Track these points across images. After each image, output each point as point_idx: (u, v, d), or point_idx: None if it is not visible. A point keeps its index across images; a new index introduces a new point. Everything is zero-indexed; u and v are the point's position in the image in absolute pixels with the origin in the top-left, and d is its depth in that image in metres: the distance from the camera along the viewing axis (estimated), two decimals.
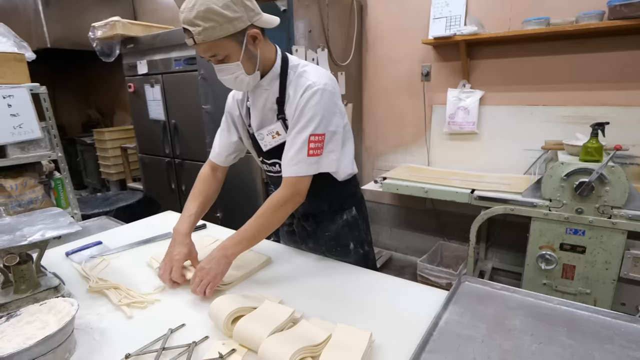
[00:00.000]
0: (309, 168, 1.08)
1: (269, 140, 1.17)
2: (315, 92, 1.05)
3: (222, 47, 0.99)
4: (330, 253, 1.30)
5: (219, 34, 0.96)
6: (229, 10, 0.95)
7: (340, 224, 1.28)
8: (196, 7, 0.93)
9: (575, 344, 0.82)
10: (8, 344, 0.75)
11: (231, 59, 1.02)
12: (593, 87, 2.18)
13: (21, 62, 2.12)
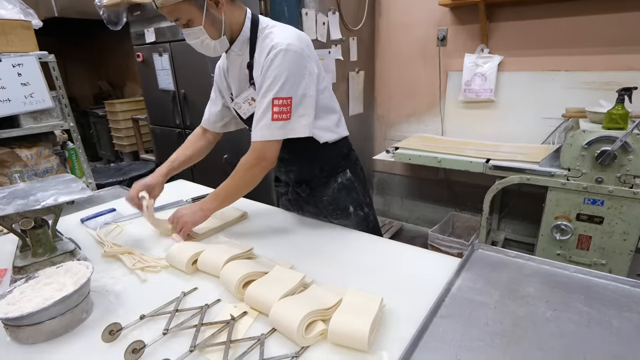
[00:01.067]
0: (274, 133, 1.05)
1: (246, 107, 1.16)
2: (278, 53, 1.00)
3: (183, 11, 0.99)
4: (331, 217, 1.30)
5: None
6: None
7: (335, 188, 1.26)
8: None
9: (592, 311, 0.81)
10: (28, 304, 0.77)
11: (194, 23, 1.01)
12: (620, 50, 2.05)
13: (28, 29, 2.10)
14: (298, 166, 1.23)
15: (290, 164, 1.25)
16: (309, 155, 1.22)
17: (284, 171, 1.31)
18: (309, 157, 1.22)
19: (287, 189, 1.36)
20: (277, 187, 1.44)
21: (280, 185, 1.42)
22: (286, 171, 1.30)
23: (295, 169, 1.24)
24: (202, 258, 0.98)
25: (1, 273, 1.02)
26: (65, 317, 0.78)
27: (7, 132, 1.97)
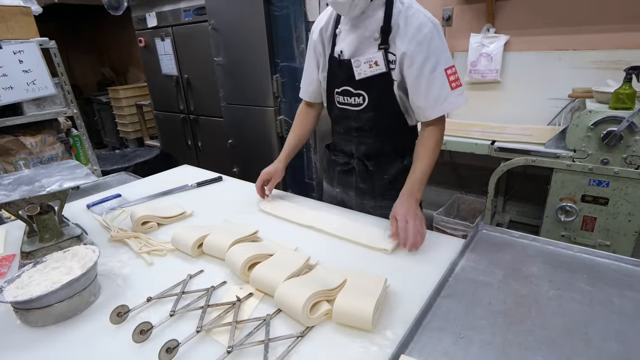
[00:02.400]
0: (458, 100, 1.10)
1: (365, 68, 1.11)
2: (434, 28, 1.04)
3: None
4: (382, 197, 1.28)
5: None
6: None
7: (399, 168, 1.26)
8: None
9: (595, 290, 0.81)
10: (37, 288, 0.78)
11: None
12: (629, 27, 1.99)
13: (28, 15, 2.08)
14: (374, 140, 1.23)
15: (369, 136, 1.24)
16: (390, 133, 1.22)
17: (355, 142, 1.27)
18: (389, 134, 1.23)
19: (349, 160, 1.32)
20: (335, 157, 1.38)
21: (338, 154, 1.37)
22: (358, 142, 1.27)
23: (371, 142, 1.23)
24: (208, 241, 0.99)
25: (10, 258, 1.04)
26: (74, 300, 0.79)
27: (10, 119, 1.98)
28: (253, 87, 2.41)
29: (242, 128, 2.62)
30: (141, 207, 1.24)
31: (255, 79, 2.37)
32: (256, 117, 2.47)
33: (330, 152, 1.41)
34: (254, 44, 2.27)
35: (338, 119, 1.29)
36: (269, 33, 2.20)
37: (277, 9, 2.12)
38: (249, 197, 1.38)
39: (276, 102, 2.35)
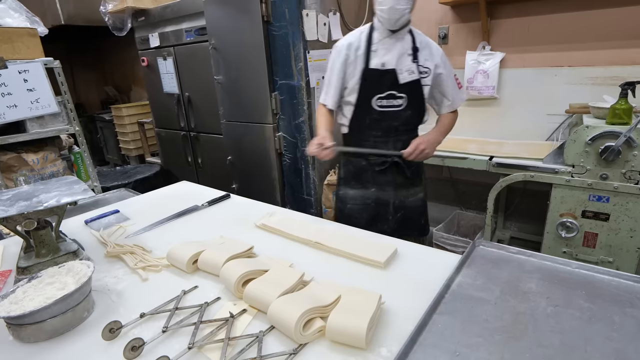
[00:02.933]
0: (464, 96, 1.67)
1: (406, 75, 1.47)
2: (439, 46, 1.55)
3: None
4: (413, 184, 1.64)
5: None
6: None
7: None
8: None
9: (594, 307, 0.80)
10: (30, 303, 0.78)
11: None
12: (623, 44, 2.03)
13: (34, 37, 2.13)
14: (406, 137, 1.52)
15: (403, 134, 1.54)
16: (414, 130, 1.59)
17: (392, 140, 1.54)
18: (416, 131, 1.60)
19: (385, 159, 1.56)
20: (370, 160, 1.58)
21: (373, 159, 1.58)
22: (395, 140, 1.54)
23: (405, 139, 1.52)
24: (203, 257, 0.99)
25: (6, 274, 1.04)
26: (67, 316, 0.79)
27: (13, 137, 2.01)
28: (252, 104, 2.44)
29: (241, 145, 2.64)
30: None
31: (255, 97, 2.40)
32: (255, 134, 2.49)
33: (362, 159, 1.59)
34: (253, 63, 2.32)
35: (375, 123, 1.52)
36: (268, 52, 2.24)
37: (276, 29, 2.17)
38: (246, 213, 1.38)
39: (275, 119, 2.37)
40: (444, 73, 1.52)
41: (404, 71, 1.46)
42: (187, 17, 2.85)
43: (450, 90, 1.55)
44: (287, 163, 2.43)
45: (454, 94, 1.56)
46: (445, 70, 1.53)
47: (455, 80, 1.57)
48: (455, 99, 1.57)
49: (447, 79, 1.53)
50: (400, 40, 1.45)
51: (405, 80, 1.47)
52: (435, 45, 1.52)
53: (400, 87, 1.47)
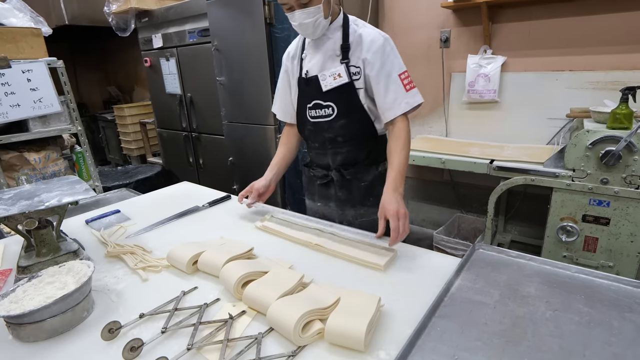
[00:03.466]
0: (414, 99, 1.24)
1: (330, 80, 1.27)
2: (385, 41, 1.23)
3: None
4: (362, 204, 1.38)
5: None
6: None
7: (376, 174, 1.36)
8: None
9: (593, 311, 0.79)
10: (30, 302, 0.78)
11: (314, 1, 1.15)
12: (624, 49, 2.03)
13: (38, 36, 2.15)
14: (348, 149, 1.35)
15: (343, 146, 1.35)
16: (362, 141, 1.34)
17: (330, 153, 1.38)
18: (361, 143, 1.35)
19: (327, 173, 1.42)
20: (312, 172, 1.47)
21: (315, 169, 1.46)
22: (333, 153, 1.37)
23: (345, 151, 1.35)
24: (203, 258, 0.99)
25: (6, 273, 1.04)
26: (66, 315, 0.79)
27: (16, 136, 2.02)
28: (254, 105, 2.45)
29: (242, 146, 2.65)
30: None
31: (256, 98, 2.41)
32: (256, 135, 2.50)
33: (308, 169, 1.49)
34: (256, 64, 2.33)
35: (312, 134, 1.39)
36: (270, 54, 2.25)
37: (278, 31, 2.18)
38: (246, 214, 1.38)
39: (276, 120, 2.38)
40: (376, 69, 1.22)
41: (327, 76, 1.27)
42: (191, 19, 2.87)
43: (384, 91, 1.22)
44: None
45: (394, 96, 1.22)
46: (378, 65, 1.22)
47: (401, 78, 1.23)
48: (394, 103, 1.22)
49: (380, 76, 1.22)
50: (327, 41, 1.27)
51: (329, 87, 1.27)
52: (370, 36, 1.23)
53: (325, 95, 1.29)
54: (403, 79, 1.23)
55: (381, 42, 1.22)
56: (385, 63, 1.22)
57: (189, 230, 1.29)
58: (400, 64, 1.25)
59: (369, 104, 1.29)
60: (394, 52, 1.24)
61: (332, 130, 1.32)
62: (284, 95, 1.45)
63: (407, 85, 1.24)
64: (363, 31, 1.24)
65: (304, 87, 1.34)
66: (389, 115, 1.24)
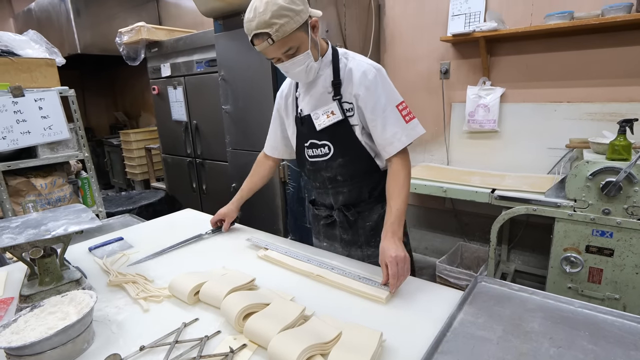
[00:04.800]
0: (415, 131, 1.18)
1: (324, 119, 1.22)
2: (377, 73, 1.16)
3: (295, 39, 1.08)
4: (368, 245, 1.33)
5: (292, 26, 1.04)
6: (294, 4, 1.04)
7: (381, 214, 1.29)
8: (269, 9, 1.02)
9: (597, 349, 0.79)
10: (32, 333, 0.78)
11: (301, 49, 1.11)
12: (621, 82, 2.08)
13: (52, 66, 2.23)
14: (350, 188, 1.29)
15: (343, 185, 1.29)
16: (364, 179, 1.28)
17: (331, 193, 1.32)
18: (363, 181, 1.28)
19: (330, 212, 1.37)
20: (317, 211, 1.43)
21: (320, 209, 1.41)
22: (335, 192, 1.32)
23: (346, 191, 1.29)
24: (204, 289, 0.99)
25: (8, 301, 1.04)
26: (67, 347, 0.79)
27: (25, 162, 2.06)
28: (258, 133, 2.50)
29: (246, 172, 2.67)
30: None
31: (260, 126, 2.46)
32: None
33: (313, 207, 1.46)
34: (261, 94, 2.39)
35: (312, 173, 1.35)
36: (275, 84, 2.32)
37: None
38: (248, 243, 1.38)
39: None
40: (370, 105, 1.15)
41: (320, 115, 1.21)
42: (199, 49, 2.97)
43: (382, 127, 1.15)
44: (291, 192, 2.45)
45: (393, 130, 1.15)
46: (372, 100, 1.14)
47: (399, 109, 1.16)
48: (395, 137, 1.15)
49: (377, 111, 1.15)
50: (318, 78, 1.22)
51: (322, 126, 1.21)
52: (361, 69, 1.16)
53: (320, 134, 1.24)
54: (401, 110, 1.17)
55: (372, 74, 1.15)
56: (380, 97, 1.15)
57: (191, 258, 1.30)
58: (395, 95, 1.18)
59: (367, 140, 1.22)
60: (387, 84, 1.17)
61: (331, 169, 1.27)
62: (274, 134, 1.46)
63: (407, 117, 1.17)
64: (353, 65, 1.18)
65: (300, 127, 1.30)
66: (390, 151, 1.17)
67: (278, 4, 1.02)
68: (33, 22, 4.33)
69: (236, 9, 2.37)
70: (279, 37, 1.04)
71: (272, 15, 1.01)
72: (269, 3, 1.02)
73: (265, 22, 1.02)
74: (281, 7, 1.02)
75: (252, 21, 1.04)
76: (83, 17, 3.87)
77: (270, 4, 1.02)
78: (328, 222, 1.39)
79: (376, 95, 1.15)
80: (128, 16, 4.15)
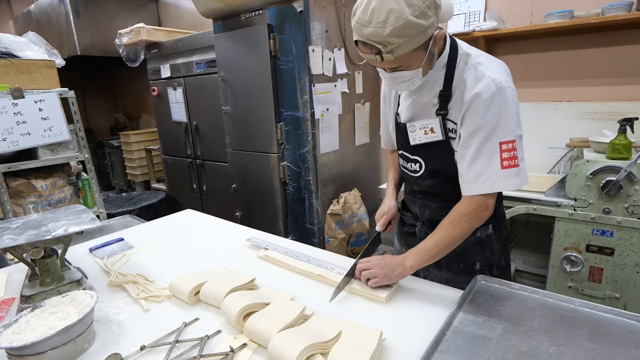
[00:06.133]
0: (507, 183, 0.93)
1: (420, 135, 1.04)
2: (497, 92, 0.90)
3: (409, 59, 0.88)
4: (449, 269, 1.16)
5: (412, 47, 0.84)
6: (424, 18, 0.82)
7: (470, 241, 1.10)
8: (390, 23, 0.80)
9: (598, 347, 0.79)
10: (32, 333, 0.78)
11: (412, 67, 0.91)
12: (621, 81, 2.08)
13: (51, 68, 2.23)
14: (439, 205, 1.11)
15: (432, 200, 1.14)
16: (456, 200, 1.02)
17: (419, 204, 1.18)
18: (455, 202, 1.02)
19: (416, 223, 1.23)
20: (404, 216, 1.30)
21: (407, 215, 1.28)
22: (422, 205, 1.17)
23: (434, 207, 1.13)
24: (204, 289, 0.99)
25: (9, 302, 1.05)
26: (68, 347, 0.79)
27: (25, 163, 2.06)
28: (258, 134, 2.50)
29: (246, 173, 2.68)
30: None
31: (260, 127, 2.46)
32: (260, 163, 2.54)
33: (401, 210, 1.32)
34: (260, 95, 2.39)
35: (403, 180, 1.25)
36: (275, 84, 2.32)
37: (283, 63, 2.26)
38: (248, 243, 1.39)
39: (279, 148, 2.42)
40: (469, 125, 0.93)
41: (417, 128, 1.03)
42: (198, 50, 2.98)
43: (471, 158, 0.94)
44: (291, 192, 2.45)
45: (481, 169, 0.93)
46: (472, 120, 0.92)
47: (501, 149, 0.91)
48: (477, 177, 0.94)
49: (473, 139, 0.93)
50: (427, 82, 1.00)
51: (417, 142, 1.05)
52: (479, 83, 0.91)
53: (413, 149, 1.08)
54: (504, 150, 0.91)
55: (489, 93, 0.89)
56: (485, 124, 0.90)
57: (192, 259, 1.30)
58: (508, 128, 0.91)
59: None
60: (505, 110, 0.90)
61: (420, 185, 1.14)
62: (385, 126, 1.26)
63: (507, 161, 0.91)
64: (471, 74, 0.93)
65: (396, 131, 1.14)
66: (466, 190, 0.97)
67: (405, 19, 0.80)
68: (33, 23, 4.34)
69: (235, 9, 2.37)
70: (392, 58, 0.85)
71: (392, 33, 0.81)
72: (392, 14, 0.80)
73: (380, 37, 0.82)
74: (407, 24, 0.80)
75: (366, 27, 0.83)
76: (82, 18, 3.88)
77: (394, 16, 0.80)
78: (411, 230, 1.26)
79: (482, 120, 0.91)
80: (127, 17, 4.16)
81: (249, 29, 2.34)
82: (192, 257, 1.31)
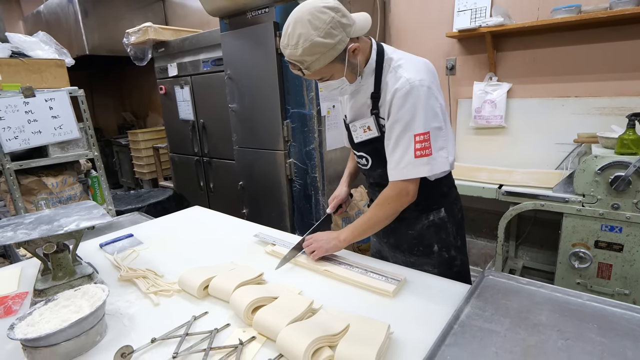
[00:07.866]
0: (420, 169, 1.05)
1: (360, 133, 1.18)
2: (411, 89, 1.01)
3: (328, 71, 1.04)
4: (411, 252, 1.28)
5: (325, 62, 1.00)
6: (330, 37, 0.97)
7: (425, 225, 1.23)
8: (300, 45, 0.96)
9: (606, 341, 0.78)
10: (46, 325, 0.80)
11: (335, 76, 1.07)
12: (629, 76, 2.06)
13: (61, 67, 2.26)
14: None
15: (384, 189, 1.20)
16: None
17: (376, 193, 1.23)
18: None
19: None
20: None
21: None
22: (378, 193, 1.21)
23: None
24: (213, 283, 1.01)
25: (22, 296, 1.07)
26: (80, 339, 0.81)
27: (36, 161, 2.09)
28: (264, 131, 2.51)
29: (252, 170, 2.70)
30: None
31: (267, 124, 2.47)
32: (267, 160, 2.55)
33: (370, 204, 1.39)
34: (267, 92, 2.40)
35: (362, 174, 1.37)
36: (281, 82, 2.33)
37: None
38: (255, 239, 1.40)
39: (286, 146, 2.43)
40: (390, 121, 1.06)
41: (357, 127, 1.17)
42: (205, 49, 2.99)
43: (393, 150, 1.07)
44: (297, 189, 2.46)
45: (399, 158, 1.06)
46: (393, 117, 1.05)
47: (415, 141, 1.03)
48: (397, 165, 1.07)
49: (393, 131, 1.06)
50: (361, 87, 1.14)
51: (359, 139, 1.18)
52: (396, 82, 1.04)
53: (358, 146, 1.21)
54: (417, 142, 1.03)
55: (404, 92, 1.02)
56: (401, 118, 1.03)
57: (200, 254, 1.31)
58: (422, 122, 1.02)
59: None
60: (420, 105, 1.02)
61: (373, 177, 1.27)
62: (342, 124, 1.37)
63: (419, 151, 1.03)
64: (391, 77, 1.06)
65: (346, 130, 1.27)
66: (389, 176, 1.10)
67: (311, 41, 0.95)
68: (42, 24, 4.39)
69: (242, 7, 2.38)
70: (310, 72, 1.02)
71: (304, 53, 0.97)
72: (301, 37, 0.95)
73: (295, 56, 0.98)
74: (314, 44, 0.95)
75: (285, 49, 1.00)
76: (91, 18, 3.92)
77: (303, 39, 0.95)
78: None
79: (399, 114, 1.03)
80: (135, 17, 4.19)
81: (255, 27, 2.34)
82: (200, 252, 1.33)
